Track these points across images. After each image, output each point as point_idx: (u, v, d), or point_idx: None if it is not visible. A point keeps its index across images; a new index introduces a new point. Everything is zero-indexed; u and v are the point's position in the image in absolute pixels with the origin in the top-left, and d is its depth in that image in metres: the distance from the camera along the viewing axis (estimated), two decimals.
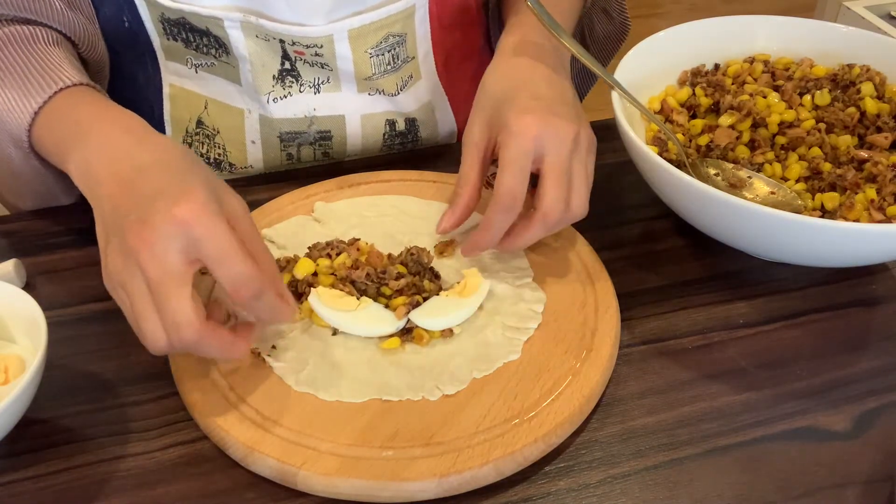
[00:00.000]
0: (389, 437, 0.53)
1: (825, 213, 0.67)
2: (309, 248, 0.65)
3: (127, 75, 0.76)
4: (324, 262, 0.63)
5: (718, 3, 3.02)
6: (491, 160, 0.65)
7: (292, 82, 0.77)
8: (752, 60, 0.79)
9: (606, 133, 0.83)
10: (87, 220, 0.73)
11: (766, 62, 0.78)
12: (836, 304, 0.67)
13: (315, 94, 0.78)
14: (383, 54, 0.77)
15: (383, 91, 0.80)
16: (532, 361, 0.58)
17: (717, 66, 0.79)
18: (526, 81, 0.65)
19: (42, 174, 0.68)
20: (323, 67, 0.76)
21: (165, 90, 0.80)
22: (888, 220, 0.64)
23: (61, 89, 0.63)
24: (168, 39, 0.75)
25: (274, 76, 0.76)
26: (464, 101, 0.87)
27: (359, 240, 0.66)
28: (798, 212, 0.65)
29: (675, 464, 0.54)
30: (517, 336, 0.60)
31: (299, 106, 0.79)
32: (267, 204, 0.72)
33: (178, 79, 0.79)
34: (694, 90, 0.76)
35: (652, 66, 0.76)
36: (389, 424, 0.54)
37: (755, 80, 0.77)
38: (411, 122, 0.84)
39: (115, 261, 0.51)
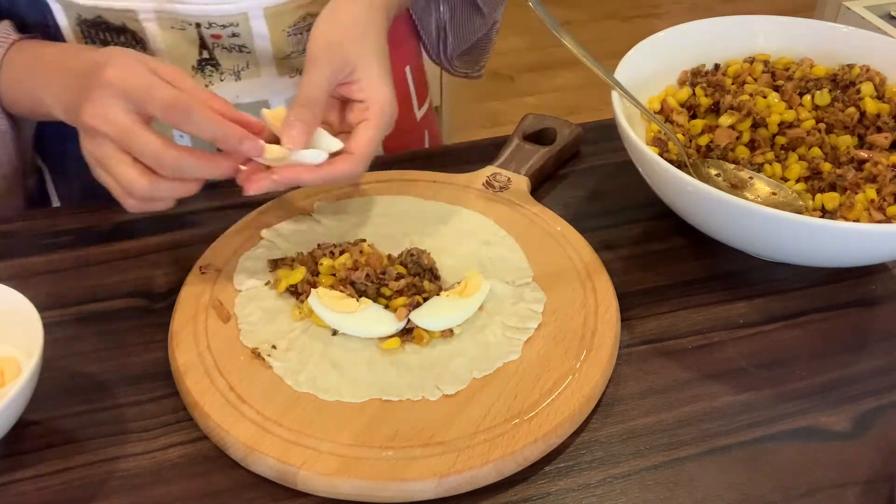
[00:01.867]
0: (389, 437, 0.53)
1: (825, 213, 0.67)
2: (319, 244, 0.65)
3: None
4: (328, 262, 0.63)
5: (718, 3, 3.02)
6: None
7: (212, 71, 0.77)
8: (752, 60, 0.79)
9: (606, 133, 0.83)
10: (87, 220, 0.73)
11: (766, 62, 0.78)
12: (836, 304, 0.67)
13: (236, 81, 0.79)
14: (302, 34, 0.77)
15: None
16: (532, 361, 0.58)
17: (717, 66, 0.79)
18: (363, 33, 0.66)
19: (4, 133, 0.73)
20: (241, 51, 0.76)
21: None
22: (888, 220, 0.64)
23: (11, 44, 0.69)
24: (86, 43, 0.75)
25: (193, 67, 0.76)
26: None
27: (364, 240, 0.66)
28: (799, 212, 0.65)
29: (675, 464, 0.54)
30: (517, 336, 0.60)
31: (222, 95, 0.78)
32: (267, 204, 0.72)
33: None
34: (694, 90, 0.76)
35: (652, 66, 0.76)
36: (389, 424, 0.54)
37: (755, 80, 0.77)
38: None
39: (87, 146, 0.58)
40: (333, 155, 0.62)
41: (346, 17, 0.66)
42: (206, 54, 0.76)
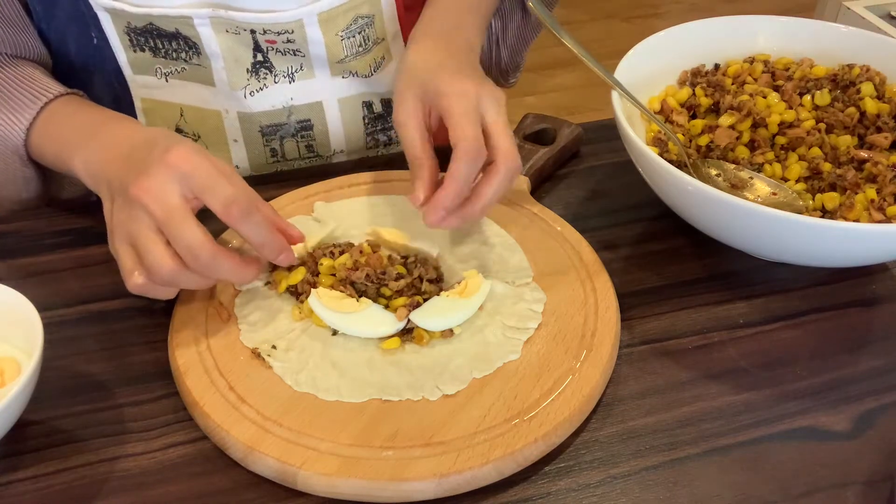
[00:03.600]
0: (389, 437, 0.53)
1: (825, 213, 0.67)
2: (323, 244, 0.65)
3: (96, 98, 0.75)
4: (328, 262, 0.63)
5: (718, 3, 3.02)
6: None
7: (266, 74, 0.77)
8: (752, 60, 0.79)
9: (606, 133, 0.83)
10: (87, 220, 0.73)
11: (766, 62, 0.78)
12: (836, 304, 0.67)
13: (290, 83, 0.79)
14: (354, 36, 0.77)
15: (356, 73, 0.80)
16: (532, 361, 0.58)
17: (717, 66, 0.79)
18: (447, 59, 0.66)
19: (29, 180, 0.72)
20: (295, 55, 0.77)
21: (138, 105, 0.79)
22: (888, 220, 0.64)
23: (49, 101, 0.68)
24: (135, 51, 0.75)
25: (247, 70, 0.76)
26: None
27: (366, 241, 0.66)
28: (799, 212, 0.65)
29: (675, 464, 0.54)
30: (517, 336, 0.60)
31: (276, 97, 0.79)
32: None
33: (149, 91, 0.79)
34: (694, 90, 0.76)
35: (652, 66, 0.76)
36: (389, 424, 0.54)
37: (755, 80, 0.77)
38: (387, 103, 0.85)
39: (120, 216, 0.56)
40: None
41: (408, 55, 0.67)
42: (260, 57, 0.76)
